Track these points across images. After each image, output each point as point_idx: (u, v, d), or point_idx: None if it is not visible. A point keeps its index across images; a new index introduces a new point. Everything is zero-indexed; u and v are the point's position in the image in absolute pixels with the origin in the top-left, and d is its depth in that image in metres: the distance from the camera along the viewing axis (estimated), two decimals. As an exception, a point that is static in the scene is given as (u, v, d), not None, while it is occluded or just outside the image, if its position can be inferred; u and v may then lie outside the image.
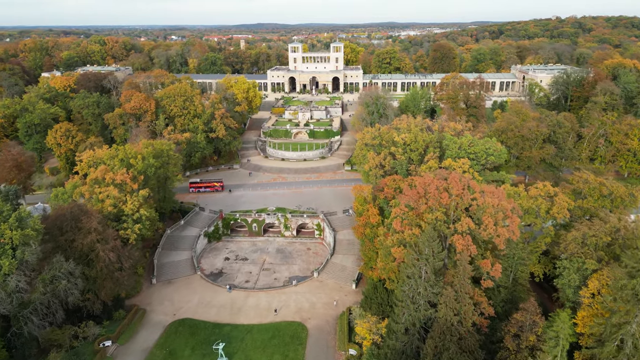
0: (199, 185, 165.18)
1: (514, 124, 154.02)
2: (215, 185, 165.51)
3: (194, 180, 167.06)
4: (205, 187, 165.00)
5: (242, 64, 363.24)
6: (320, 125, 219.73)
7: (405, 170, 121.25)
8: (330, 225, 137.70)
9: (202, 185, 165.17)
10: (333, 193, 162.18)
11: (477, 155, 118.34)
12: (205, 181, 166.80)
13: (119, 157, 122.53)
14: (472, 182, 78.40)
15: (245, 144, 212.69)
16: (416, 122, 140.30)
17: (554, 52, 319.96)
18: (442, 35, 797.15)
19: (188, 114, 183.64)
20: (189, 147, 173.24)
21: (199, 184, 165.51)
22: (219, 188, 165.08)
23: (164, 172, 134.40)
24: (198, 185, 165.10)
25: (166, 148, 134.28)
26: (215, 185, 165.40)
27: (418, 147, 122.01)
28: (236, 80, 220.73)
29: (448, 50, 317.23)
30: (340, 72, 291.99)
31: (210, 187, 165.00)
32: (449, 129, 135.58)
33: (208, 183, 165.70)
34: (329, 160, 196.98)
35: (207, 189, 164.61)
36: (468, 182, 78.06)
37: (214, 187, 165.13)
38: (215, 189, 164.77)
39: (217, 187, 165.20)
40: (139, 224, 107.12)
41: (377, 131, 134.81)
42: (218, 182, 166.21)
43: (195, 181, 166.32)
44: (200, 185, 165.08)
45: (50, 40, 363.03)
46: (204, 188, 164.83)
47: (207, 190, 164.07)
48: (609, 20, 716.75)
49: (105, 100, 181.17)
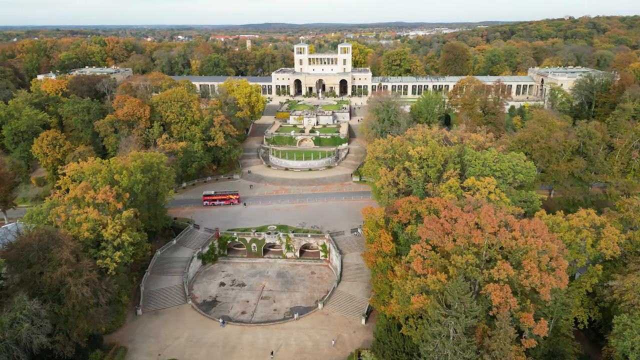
0: (214, 198, 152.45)
1: (539, 135, 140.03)
2: (231, 197, 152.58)
3: (207, 192, 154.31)
4: (220, 199, 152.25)
5: (246, 65, 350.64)
6: (327, 132, 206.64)
7: (422, 190, 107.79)
8: (337, 246, 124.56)
9: (217, 197, 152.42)
10: (340, 208, 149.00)
11: (504, 173, 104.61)
12: (220, 193, 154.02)
13: (102, 173, 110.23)
14: (510, 217, 64.88)
15: (247, 151, 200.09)
16: (432, 133, 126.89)
17: (573, 54, 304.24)
18: (451, 36, 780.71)
19: (185, 120, 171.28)
20: (185, 157, 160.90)
21: (213, 196, 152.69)
22: (235, 201, 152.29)
23: (154, 187, 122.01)
24: (212, 198, 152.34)
25: (156, 161, 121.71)
26: (231, 198, 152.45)
27: (436, 163, 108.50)
28: (238, 83, 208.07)
29: (461, 51, 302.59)
30: (348, 75, 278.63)
31: (225, 200, 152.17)
32: (470, 141, 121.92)
33: (223, 196, 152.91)
34: (335, 170, 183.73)
35: (222, 202, 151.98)
36: (504, 217, 64.56)
37: (230, 200, 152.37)
38: (231, 202, 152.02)
39: (233, 200, 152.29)
40: (120, 251, 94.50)
41: (389, 143, 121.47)
42: (234, 195, 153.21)
43: (209, 194, 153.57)
44: (214, 198, 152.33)
45: (49, 40, 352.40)
46: (219, 201, 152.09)
47: (222, 204, 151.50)
48: (624, 21, 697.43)
49: (97, 105, 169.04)
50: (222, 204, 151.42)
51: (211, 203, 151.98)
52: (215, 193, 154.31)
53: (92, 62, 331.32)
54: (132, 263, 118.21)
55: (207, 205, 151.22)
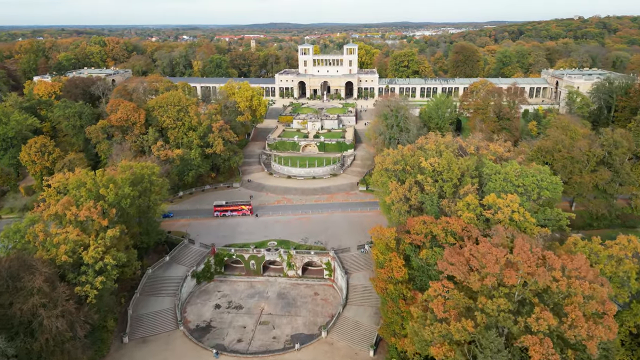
0: (225, 208, 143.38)
1: (561, 144, 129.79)
2: (243, 208, 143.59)
3: (218, 202, 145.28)
4: (232, 210, 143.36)
5: (249, 66, 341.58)
6: (332, 137, 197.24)
7: (437, 206, 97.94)
8: (343, 265, 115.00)
9: (228, 208, 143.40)
10: (346, 221, 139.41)
11: (527, 189, 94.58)
12: (232, 204, 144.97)
13: (87, 187, 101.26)
14: (549, 253, 54.98)
15: (248, 157, 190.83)
16: (446, 142, 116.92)
17: (588, 55, 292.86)
18: (458, 36, 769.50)
19: (182, 126, 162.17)
20: (182, 165, 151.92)
21: (224, 207, 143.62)
22: (247, 211, 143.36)
23: (144, 200, 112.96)
24: (224, 209, 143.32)
25: (147, 172, 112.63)
26: (243, 209, 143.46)
27: (452, 177, 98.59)
28: (239, 86, 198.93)
29: (471, 52, 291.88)
30: (354, 77, 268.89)
31: (237, 211, 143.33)
32: (487, 151, 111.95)
33: (235, 206, 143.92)
34: (341, 178, 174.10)
35: (233, 213, 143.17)
36: (542, 253, 54.78)
37: (242, 210, 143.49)
38: (243, 213, 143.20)
39: (245, 211, 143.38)
40: (102, 276, 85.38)
41: (399, 154, 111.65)
42: (246, 205, 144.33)
43: (220, 204, 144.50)
44: (226, 209, 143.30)
45: (48, 41, 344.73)
46: (230, 212, 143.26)
47: (233, 215, 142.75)
48: (635, 20, 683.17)
49: (89, 110, 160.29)
50: (234, 215, 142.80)
51: (222, 214, 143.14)
52: (226, 203, 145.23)
53: (92, 63, 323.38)
54: (121, 282, 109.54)
55: (218, 216, 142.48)
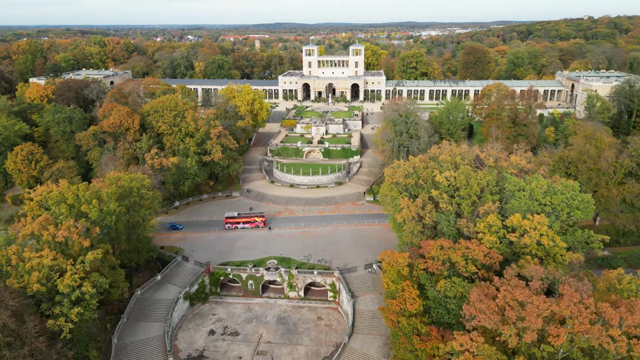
0: (237, 220, 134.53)
1: (587, 154, 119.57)
2: (257, 220, 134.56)
3: (230, 214, 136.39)
4: (244, 222, 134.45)
5: (252, 67, 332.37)
6: (337, 143, 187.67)
7: (454, 226, 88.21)
8: (349, 287, 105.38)
9: (240, 220, 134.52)
10: (352, 235, 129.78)
11: (556, 209, 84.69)
12: (244, 215, 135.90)
13: (67, 203, 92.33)
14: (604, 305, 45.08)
15: (249, 164, 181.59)
16: (461, 152, 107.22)
17: (604, 56, 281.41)
18: (466, 36, 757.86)
19: (179, 132, 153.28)
20: (177, 174, 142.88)
21: (236, 219, 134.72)
22: (260, 224, 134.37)
23: (134, 216, 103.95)
24: (235, 221, 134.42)
25: (136, 185, 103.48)
26: (256, 221, 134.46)
27: (470, 194, 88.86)
28: (239, 89, 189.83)
29: (482, 53, 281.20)
30: (360, 78, 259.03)
31: (250, 223, 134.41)
32: (508, 163, 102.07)
33: (247, 218, 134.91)
34: (346, 187, 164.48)
35: (245, 225, 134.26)
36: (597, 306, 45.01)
37: (255, 222, 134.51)
38: (256, 225, 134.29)
39: (258, 223, 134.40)
40: (79, 307, 76.30)
41: (411, 166, 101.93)
42: (259, 217, 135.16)
43: (232, 216, 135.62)
44: (237, 221, 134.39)
45: (46, 41, 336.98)
46: (243, 224, 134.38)
47: (245, 227, 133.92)
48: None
49: (80, 115, 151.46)
50: (247, 227, 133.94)
51: (234, 226, 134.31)
52: (238, 215, 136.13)
53: (91, 64, 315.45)
54: (107, 305, 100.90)
55: (230, 229, 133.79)
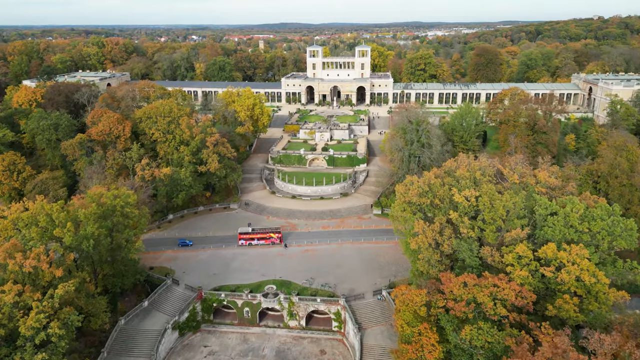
0: (251, 236, 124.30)
1: (618, 168, 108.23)
2: (272, 236, 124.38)
3: (244, 230, 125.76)
4: (259, 238, 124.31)
5: (254, 69, 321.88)
6: (342, 150, 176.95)
7: (477, 257, 77.20)
8: (355, 317, 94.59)
9: (254, 236, 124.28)
10: (358, 254, 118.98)
11: (595, 237, 73.55)
12: (259, 231, 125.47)
13: (39, 225, 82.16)
14: None
15: (249, 172, 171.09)
16: (481, 167, 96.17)
17: (622, 58, 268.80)
18: (473, 36, 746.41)
19: (173, 139, 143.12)
20: (171, 185, 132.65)
21: (250, 234, 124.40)
22: (276, 240, 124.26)
23: (117, 237, 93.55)
24: (250, 237, 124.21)
25: (120, 203, 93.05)
26: (272, 237, 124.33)
27: (495, 218, 77.83)
28: (239, 93, 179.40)
29: (493, 54, 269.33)
30: (366, 81, 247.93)
31: (265, 239, 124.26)
32: (534, 180, 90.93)
33: (262, 234, 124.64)
34: (352, 198, 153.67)
35: (260, 242, 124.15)
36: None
37: (270, 239, 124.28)
38: (272, 242, 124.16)
39: (274, 239, 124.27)
40: (44, 353, 65.93)
41: (425, 183, 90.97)
42: (275, 232, 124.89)
43: (245, 231, 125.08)
44: (252, 237, 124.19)
45: (43, 41, 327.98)
46: (257, 240, 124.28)
47: (260, 243, 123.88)
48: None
49: (67, 121, 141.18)
50: (262, 244, 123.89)
51: (248, 243, 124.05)
52: (253, 230, 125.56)
53: (89, 65, 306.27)
54: (88, 336, 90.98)
55: (243, 246, 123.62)
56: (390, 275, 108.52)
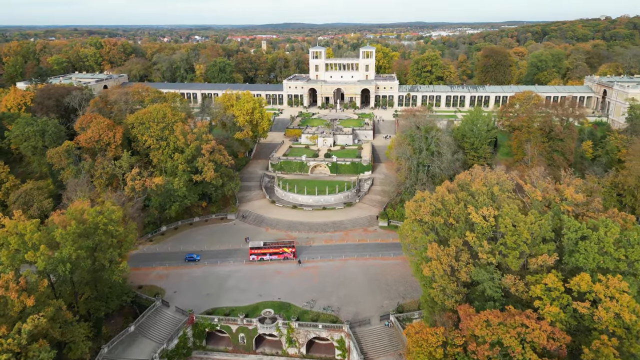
0: (263, 251, 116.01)
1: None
2: (285, 251, 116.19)
3: (255, 244, 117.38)
4: (271, 253, 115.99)
5: (256, 70, 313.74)
6: (346, 156, 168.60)
7: (498, 288, 68.65)
8: (361, 346, 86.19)
9: (267, 251, 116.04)
10: (363, 272, 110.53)
11: (633, 265, 64.92)
12: (271, 245, 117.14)
13: (10, 247, 74.14)
14: None
15: (248, 180, 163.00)
16: (499, 180, 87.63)
17: (636, 59, 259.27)
18: (478, 37, 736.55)
19: (167, 146, 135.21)
20: (163, 195, 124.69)
21: (262, 249, 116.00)
22: (289, 255, 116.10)
23: (100, 257, 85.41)
24: (261, 252, 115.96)
25: (103, 220, 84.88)
26: (285, 252, 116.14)
27: (519, 243, 69.28)
28: (238, 96, 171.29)
29: (502, 56, 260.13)
30: (371, 83, 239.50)
31: (278, 254, 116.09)
32: (559, 197, 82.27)
33: (275, 249, 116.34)
34: (357, 208, 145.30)
35: (273, 257, 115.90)
36: None
37: (284, 254, 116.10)
38: (285, 257, 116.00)
39: (287, 255, 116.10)
40: (5, 399, 57.99)
41: (438, 199, 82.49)
42: (289, 247, 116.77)
43: (257, 246, 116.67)
44: (264, 252, 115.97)
45: (39, 42, 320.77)
46: (270, 255, 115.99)
47: (273, 259, 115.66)
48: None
49: (53, 128, 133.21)
50: (275, 259, 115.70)
51: (259, 258, 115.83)
52: (264, 245, 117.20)
53: (86, 66, 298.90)
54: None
55: (254, 261, 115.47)
56: (398, 297, 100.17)
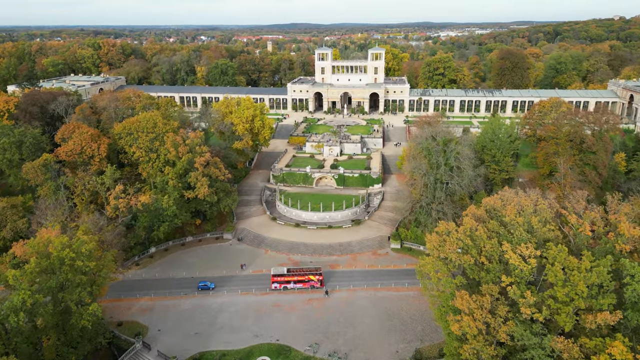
0: (287, 279, 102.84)
1: None
2: (312, 279, 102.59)
3: (278, 271, 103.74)
4: (295, 282, 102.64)
5: (259, 73, 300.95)
6: (354, 167, 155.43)
7: (550, 358, 54.98)
8: (372, 405, 72.83)
9: (291, 279, 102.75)
10: (375, 306, 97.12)
11: None
12: (295, 272, 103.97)
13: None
14: None
15: (247, 194, 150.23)
16: (537, 208, 74.16)
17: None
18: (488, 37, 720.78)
19: (157, 159, 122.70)
20: (150, 216, 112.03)
21: (285, 277, 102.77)
22: (316, 283, 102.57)
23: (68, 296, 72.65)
24: (285, 280, 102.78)
25: (69, 254, 71.98)
26: (311, 280, 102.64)
27: (572, 296, 55.70)
28: (238, 102, 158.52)
29: (520, 58, 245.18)
30: (380, 87, 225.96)
31: (303, 282, 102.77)
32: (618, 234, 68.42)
33: (300, 276, 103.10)
34: (366, 227, 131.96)
35: (297, 285, 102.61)
36: None
37: (310, 282, 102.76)
38: (312, 285, 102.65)
39: (313, 283, 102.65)
40: None
41: (467, 234, 68.94)
42: (315, 274, 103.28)
43: (280, 273, 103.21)
44: (288, 280, 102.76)
45: (35, 43, 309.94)
46: (294, 284, 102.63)
47: (297, 287, 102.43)
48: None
49: (31, 139, 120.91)
50: (300, 288, 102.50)
51: (282, 287, 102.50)
52: (288, 271, 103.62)
53: (83, 68, 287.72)
54: None
55: (277, 289, 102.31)
56: (416, 339, 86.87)
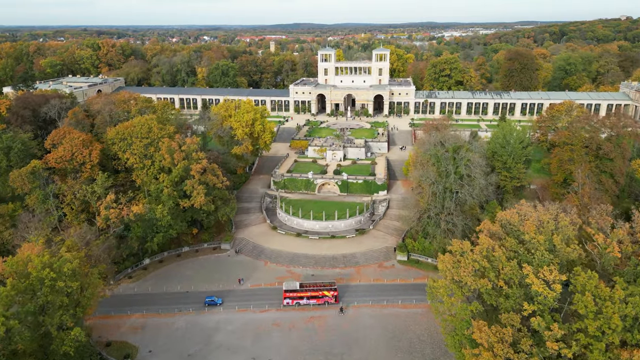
0: (300, 294, 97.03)
1: None
2: (326, 295, 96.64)
3: (290, 286, 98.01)
4: (309, 297, 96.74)
5: (261, 74, 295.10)
6: (358, 173, 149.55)
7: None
8: None
9: (304, 294, 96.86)
10: (380, 325, 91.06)
11: None
12: (309, 287, 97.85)
13: None
14: None
15: (247, 201, 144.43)
16: (558, 225, 68.06)
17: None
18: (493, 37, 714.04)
19: (152, 166, 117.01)
20: (143, 227, 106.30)
21: (298, 292, 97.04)
22: (330, 299, 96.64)
23: (47, 321, 66.95)
24: (297, 296, 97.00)
25: (50, 274, 66.23)
26: (326, 296, 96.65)
27: (605, 329, 49.56)
28: (238, 105, 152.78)
29: (529, 59, 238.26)
30: (384, 89, 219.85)
31: (317, 298, 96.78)
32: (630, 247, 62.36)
33: (314, 291, 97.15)
34: (370, 237, 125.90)
35: (311, 302, 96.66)
36: None
37: (324, 298, 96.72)
38: (326, 301, 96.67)
39: (328, 299, 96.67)
40: None
41: (483, 255, 62.80)
42: (330, 290, 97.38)
43: (292, 288, 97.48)
44: (300, 295, 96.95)
45: (33, 44, 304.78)
46: (307, 299, 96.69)
47: (311, 304, 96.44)
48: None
49: (20, 145, 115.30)
50: (313, 304, 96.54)
51: (295, 302, 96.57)
52: (301, 287, 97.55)
53: (82, 69, 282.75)
54: None
55: (289, 305, 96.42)
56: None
